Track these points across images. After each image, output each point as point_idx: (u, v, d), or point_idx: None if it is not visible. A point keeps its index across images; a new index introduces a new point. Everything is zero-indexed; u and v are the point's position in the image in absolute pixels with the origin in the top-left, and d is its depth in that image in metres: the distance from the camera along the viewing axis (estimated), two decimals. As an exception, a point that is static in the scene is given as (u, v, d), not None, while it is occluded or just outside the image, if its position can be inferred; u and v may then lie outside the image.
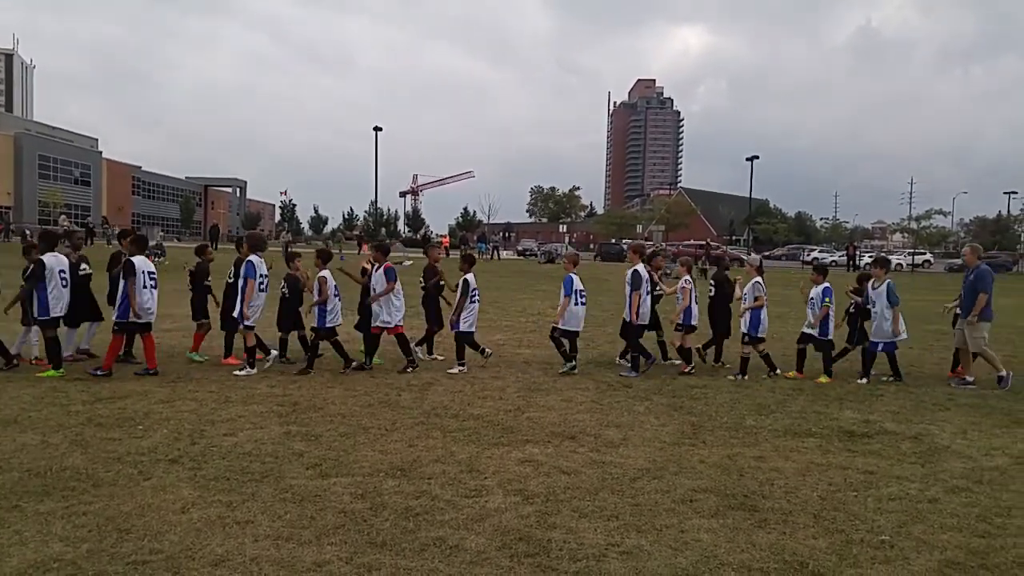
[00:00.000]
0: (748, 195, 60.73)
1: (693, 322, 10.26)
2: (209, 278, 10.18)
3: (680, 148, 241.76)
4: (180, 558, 3.90)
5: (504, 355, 10.77)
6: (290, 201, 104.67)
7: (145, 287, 8.61)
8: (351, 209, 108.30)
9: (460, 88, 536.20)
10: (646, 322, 10.00)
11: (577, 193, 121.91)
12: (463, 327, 9.63)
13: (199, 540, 4.13)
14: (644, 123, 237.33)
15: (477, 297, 9.88)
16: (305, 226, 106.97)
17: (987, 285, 9.69)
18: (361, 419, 6.98)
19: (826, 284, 9.90)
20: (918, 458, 6.19)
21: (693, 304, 10.28)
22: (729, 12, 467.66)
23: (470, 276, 9.74)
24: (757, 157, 57.13)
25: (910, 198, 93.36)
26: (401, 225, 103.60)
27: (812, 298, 9.97)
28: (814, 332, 9.85)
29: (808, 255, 58.73)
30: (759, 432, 6.92)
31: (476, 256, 10.89)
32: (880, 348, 9.69)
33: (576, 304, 9.72)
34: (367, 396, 7.97)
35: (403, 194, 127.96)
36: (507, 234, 71.77)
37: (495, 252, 47.16)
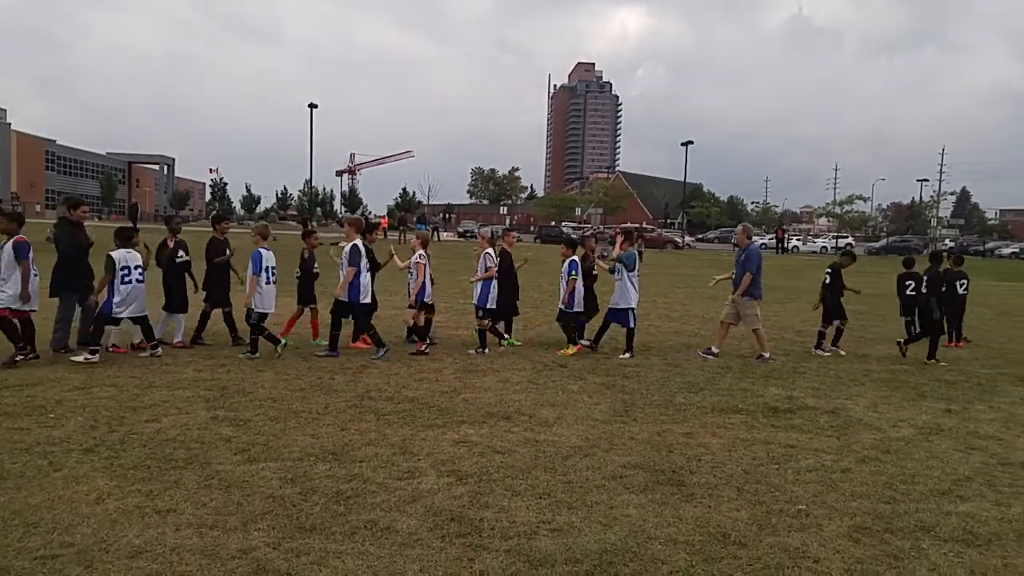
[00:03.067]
0: (683, 179, 62.02)
1: (427, 299, 9.68)
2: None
3: (618, 132, 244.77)
4: (93, 551, 3.74)
5: (442, 337, 10.72)
6: (221, 179, 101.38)
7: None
8: (285, 188, 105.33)
9: (397, 65, 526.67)
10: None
11: (518, 175, 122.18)
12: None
13: (115, 532, 3.97)
14: (583, 107, 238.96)
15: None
16: (237, 205, 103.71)
17: (754, 265, 9.90)
18: (292, 403, 6.84)
19: (573, 258, 9.90)
20: (834, 431, 6.49)
21: (427, 281, 9.64)
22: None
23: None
24: (692, 142, 58.40)
25: (834, 183, 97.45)
26: (337, 205, 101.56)
27: (562, 272, 9.98)
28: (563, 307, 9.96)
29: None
30: (688, 409, 7.12)
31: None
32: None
33: (267, 283, 9.02)
34: (299, 380, 7.81)
35: (340, 173, 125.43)
36: (447, 215, 71.25)
37: (435, 233, 46.79)
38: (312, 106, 51.96)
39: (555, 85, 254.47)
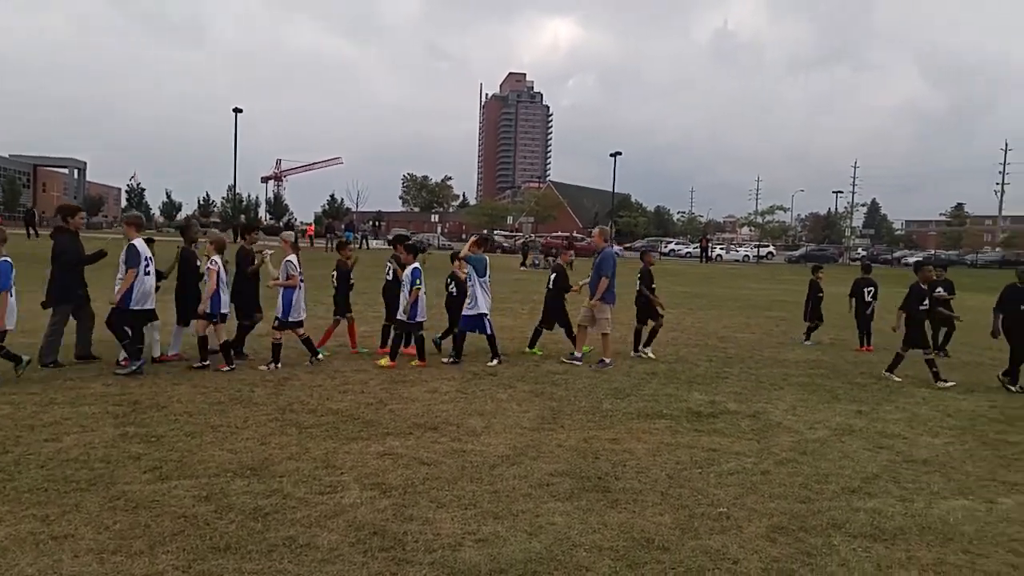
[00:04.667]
0: (612, 189, 63.25)
1: (223, 310, 8.71)
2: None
3: (549, 142, 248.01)
4: (-18, 581, 3.47)
5: (371, 347, 10.50)
6: (138, 185, 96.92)
7: None
8: (207, 195, 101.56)
9: (326, 69, 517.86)
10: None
11: (450, 183, 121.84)
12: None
13: (5, 561, 3.69)
14: (515, 116, 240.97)
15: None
16: (156, 212, 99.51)
17: (609, 268, 9.81)
18: (209, 417, 6.55)
19: (415, 265, 9.28)
20: (755, 434, 6.69)
21: (221, 290, 8.66)
22: (600, 4, 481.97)
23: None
24: (620, 153, 59.73)
25: (756, 194, 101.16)
26: (263, 212, 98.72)
27: (403, 280, 9.29)
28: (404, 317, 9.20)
29: (665, 247, 62.11)
30: (614, 415, 7.20)
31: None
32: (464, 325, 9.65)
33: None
34: (217, 393, 7.49)
35: (265, 179, 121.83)
36: (377, 223, 70.29)
37: (364, 241, 46.03)
38: (237, 111, 50.46)
39: (487, 94, 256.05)
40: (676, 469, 5.57)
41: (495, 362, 9.59)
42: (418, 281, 9.22)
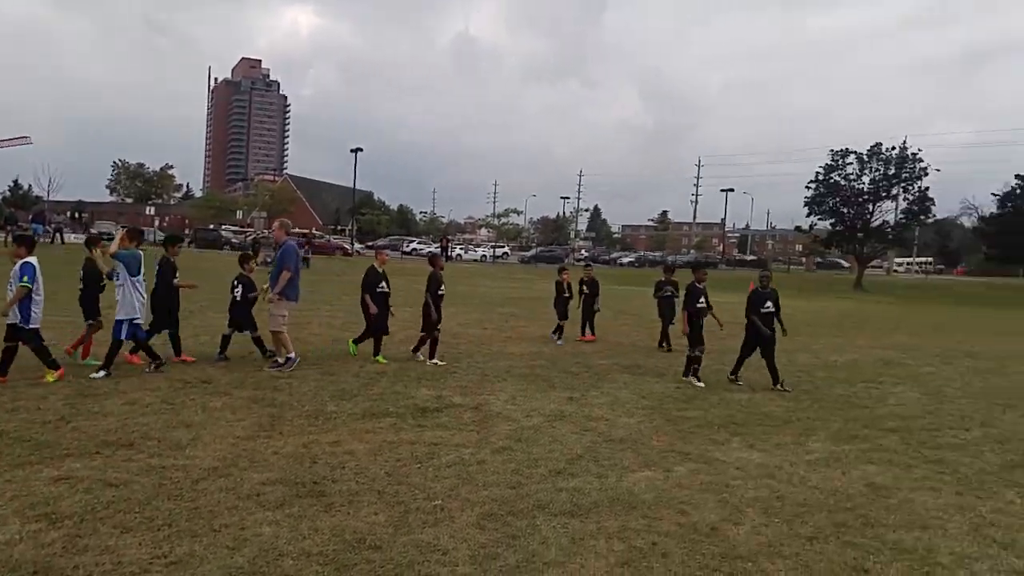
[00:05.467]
0: (353, 186, 62.32)
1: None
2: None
3: (287, 133, 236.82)
4: None
5: (56, 355, 8.97)
6: None
7: None
8: None
9: (14, 34, 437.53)
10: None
11: (171, 172, 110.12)
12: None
13: None
14: (249, 104, 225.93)
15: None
16: None
17: (291, 262, 9.14)
18: None
19: (27, 260, 7.71)
20: (476, 426, 6.97)
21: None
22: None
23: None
24: (361, 149, 59.16)
25: (494, 197, 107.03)
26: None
27: (12, 276, 7.77)
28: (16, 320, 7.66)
29: (408, 246, 62.85)
30: (338, 417, 7.01)
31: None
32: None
33: None
34: None
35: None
36: (77, 214, 60.90)
37: (58, 235, 39.51)
38: None
39: (216, 79, 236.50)
40: (396, 466, 5.57)
41: (100, 375, 8.14)
42: (26, 278, 7.63)
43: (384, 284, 10.55)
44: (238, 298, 9.86)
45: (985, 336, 19.77)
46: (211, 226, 63.36)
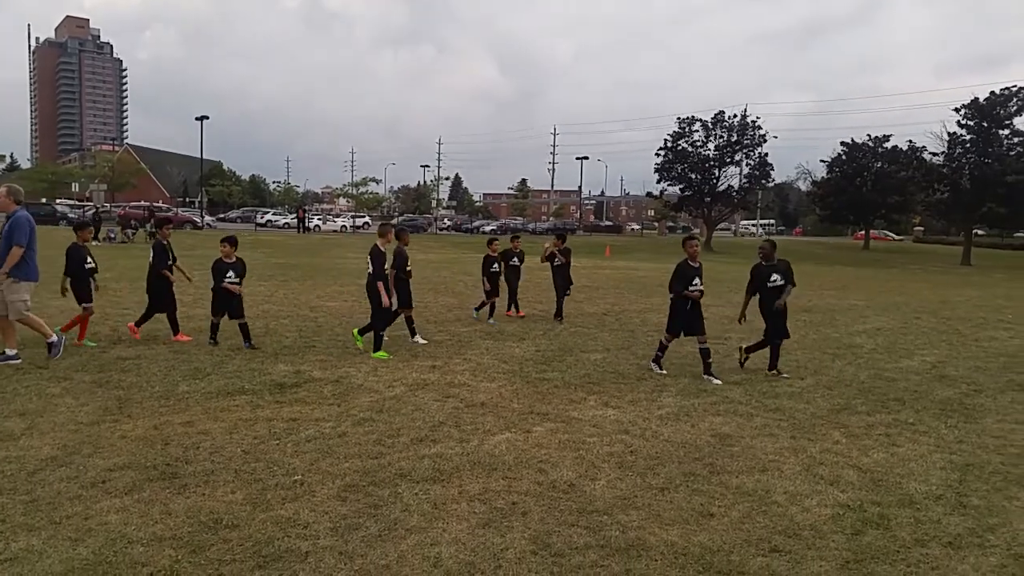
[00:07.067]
0: (200, 155, 58.38)
1: None
2: None
3: (124, 100, 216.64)
4: None
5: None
6: None
7: None
8: None
9: None
10: None
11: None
12: None
13: None
14: (79, 68, 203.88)
15: None
16: None
17: (24, 236, 7.66)
18: None
19: None
20: (336, 399, 6.95)
21: None
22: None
23: None
24: (207, 117, 55.70)
25: (352, 166, 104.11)
26: None
27: None
28: None
29: (262, 217, 59.93)
30: (191, 397, 6.75)
31: None
32: None
33: None
34: None
35: None
36: None
37: None
38: None
39: (38, 38, 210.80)
40: (253, 444, 5.49)
41: None
42: None
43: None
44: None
45: (819, 291, 21.66)
46: (43, 200, 57.46)
